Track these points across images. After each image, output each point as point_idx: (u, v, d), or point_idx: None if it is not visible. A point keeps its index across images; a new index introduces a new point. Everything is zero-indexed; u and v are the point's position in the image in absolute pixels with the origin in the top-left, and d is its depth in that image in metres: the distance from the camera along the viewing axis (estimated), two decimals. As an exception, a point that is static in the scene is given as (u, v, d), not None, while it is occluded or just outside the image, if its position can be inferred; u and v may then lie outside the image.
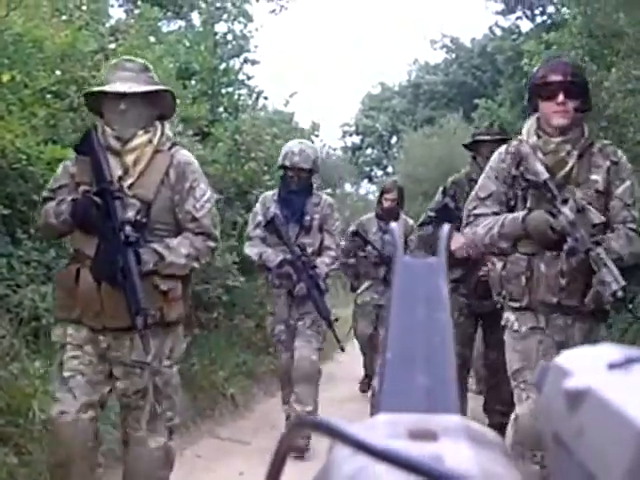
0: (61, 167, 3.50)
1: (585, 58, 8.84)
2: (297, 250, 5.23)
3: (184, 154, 3.41)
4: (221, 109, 10.86)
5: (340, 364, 9.40)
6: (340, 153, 31.78)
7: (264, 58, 22.96)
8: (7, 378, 4.10)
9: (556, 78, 3.37)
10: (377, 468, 0.44)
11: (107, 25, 7.60)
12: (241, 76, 12.45)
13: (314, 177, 5.63)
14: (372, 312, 7.04)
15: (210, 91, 10.38)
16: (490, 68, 26.74)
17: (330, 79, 63.89)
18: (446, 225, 0.65)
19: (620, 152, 3.55)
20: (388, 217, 6.80)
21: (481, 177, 3.61)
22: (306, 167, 5.32)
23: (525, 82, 13.99)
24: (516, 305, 3.42)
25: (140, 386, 3.24)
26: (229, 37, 13.04)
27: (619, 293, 3.18)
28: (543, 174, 3.37)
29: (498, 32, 25.35)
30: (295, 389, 5.28)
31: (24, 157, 4.98)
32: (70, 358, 3.23)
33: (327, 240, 5.43)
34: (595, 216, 3.35)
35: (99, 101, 3.38)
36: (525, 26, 22.47)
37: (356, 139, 35.51)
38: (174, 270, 3.25)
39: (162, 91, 3.41)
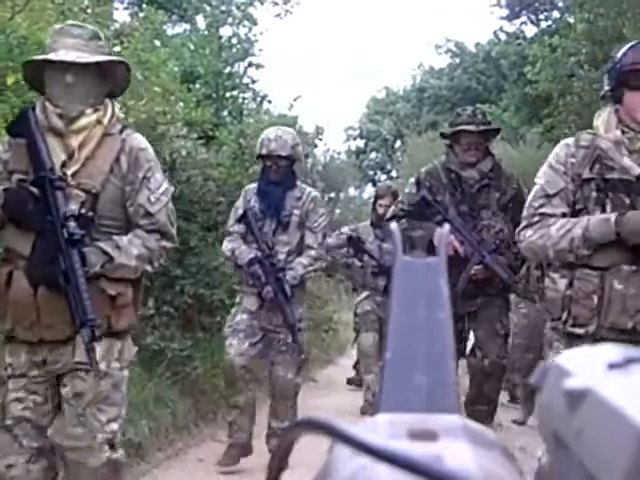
0: None
1: (585, 66, 8.85)
2: (266, 248, 4.78)
3: (137, 138, 2.96)
4: (225, 113, 10.87)
5: (344, 369, 9.38)
6: (344, 157, 31.75)
7: (268, 62, 23.00)
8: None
9: None
10: (377, 468, 0.44)
11: (112, 28, 7.61)
12: (245, 80, 12.48)
13: (297, 168, 5.18)
14: (375, 321, 6.72)
15: (214, 94, 10.39)
16: (494, 73, 26.77)
17: (334, 83, 63.97)
18: (446, 225, 0.65)
19: None
20: (382, 223, 6.46)
21: (544, 170, 3.05)
22: (284, 154, 4.81)
23: (528, 88, 14.00)
24: (580, 332, 2.87)
25: (81, 388, 2.77)
26: (234, 41, 13.07)
27: None
28: (634, 169, 2.87)
29: (503, 37, 25.40)
30: (272, 404, 5.02)
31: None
32: (13, 401, 2.79)
33: (308, 238, 4.91)
34: None
35: (40, 73, 2.88)
36: (530, 31, 22.51)
37: (360, 143, 35.52)
38: (123, 273, 2.82)
39: (116, 62, 2.96)
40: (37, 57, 2.94)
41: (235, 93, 11.56)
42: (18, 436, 2.78)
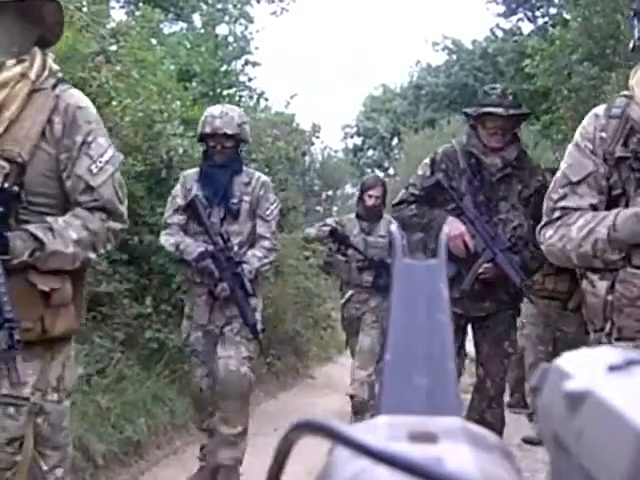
0: None
1: (584, 63, 8.85)
2: (220, 240, 4.26)
3: (74, 95, 2.44)
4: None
5: (343, 367, 9.38)
6: (341, 155, 31.77)
7: (265, 60, 22.98)
8: None
9: None
10: (377, 470, 0.44)
11: (108, 27, 7.61)
12: (242, 78, 12.48)
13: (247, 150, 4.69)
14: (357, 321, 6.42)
15: (211, 93, 10.39)
16: (492, 70, 26.76)
17: (331, 81, 63.96)
18: (445, 227, 0.65)
19: None
20: (371, 217, 6.35)
21: (569, 150, 2.48)
22: (230, 132, 4.27)
23: (526, 84, 14.02)
24: (629, 346, 2.29)
25: (15, 433, 2.23)
26: (230, 39, 13.08)
27: None
28: None
29: (499, 34, 25.41)
30: (221, 407, 4.35)
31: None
32: None
33: (260, 228, 4.40)
34: None
35: None
36: (526, 28, 22.52)
37: (357, 141, 35.52)
38: (59, 263, 2.29)
39: (43, 0, 2.40)
40: None
41: (232, 91, 11.56)
42: None
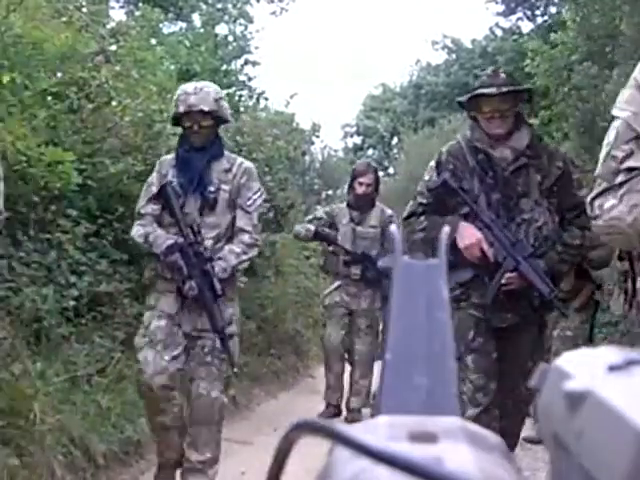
0: None
1: (584, 63, 8.85)
2: (190, 234, 3.82)
3: None
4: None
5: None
6: (341, 154, 31.76)
7: (265, 59, 22.98)
8: (8, 379, 4.10)
9: None
10: (377, 470, 0.44)
11: (107, 27, 7.61)
12: (242, 77, 12.48)
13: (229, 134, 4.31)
14: (344, 317, 6.27)
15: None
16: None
17: (331, 80, 63.95)
18: (446, 227, 0.65)
19: None
20: (362, 205, 6.15)
21: (627, 93, 1.97)
22: (206, 109, 3.84)
23: (526, 82, 14.01)
24: None
25: None
26: (230, 38, 13.07)
27: None
28: None
29: (499, 33, 25.40)
30: (190, 431, 3.91)
31: (24, 159, 4.98)
32: None
33: (240, 220, 3.92)
34: None
35: None
36: (526, 27, 22.52)
37: (357, 140, 35.51)
38: None
39: None
40: None
41: (232, 91, 11.54)
42: None
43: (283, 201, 9.41)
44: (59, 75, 5.74)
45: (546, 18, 21.02)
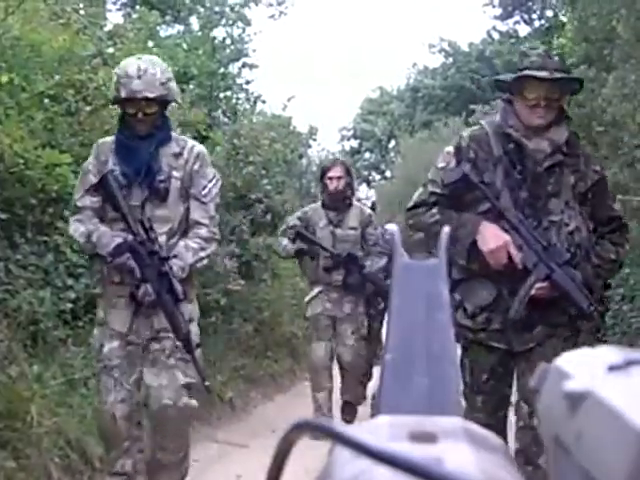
0: None
1: (581, 66, 8.87)
2: (141, 230, 3.35)
3: None
4: (219, 113, 10.86)
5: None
6: (338, 157, 31.77)
7: (262, 62, 22.97)
8: (5, 382, 4.09)
9: None
10: (377, 470, 0.44)
11: (105, 29, 7.60)
12: (239, 80, 12.47)
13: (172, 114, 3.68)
14: (328, 327, 5.87)
15: (208, 95, 10.38)
16: (488, 72, 26.78)
17: (328, 83, 63.93)
18: (446, 227, 0.65)
19: None
20: (337, 204, 5.78)
21: None
22: (152, 96, 3.33)
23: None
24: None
25: None
26: (227, 41, 13.07)
27: None
28: None
29: (496, 36, 25.44)
30: (157, 440, 3.50)
31: (22, 161, 4.97)
32: None
33: (195, 212, 3.47)
34: None
35: None
36: (523, 30, 22.55)
37: (354, 143, 35.49)
38: None
39: None
40: None
41: (229, 94, 11.53)
42: None
43: (280, 204, 9.41)
44: (56, 77, 5.73)
45: (543, 22, 21.05)
